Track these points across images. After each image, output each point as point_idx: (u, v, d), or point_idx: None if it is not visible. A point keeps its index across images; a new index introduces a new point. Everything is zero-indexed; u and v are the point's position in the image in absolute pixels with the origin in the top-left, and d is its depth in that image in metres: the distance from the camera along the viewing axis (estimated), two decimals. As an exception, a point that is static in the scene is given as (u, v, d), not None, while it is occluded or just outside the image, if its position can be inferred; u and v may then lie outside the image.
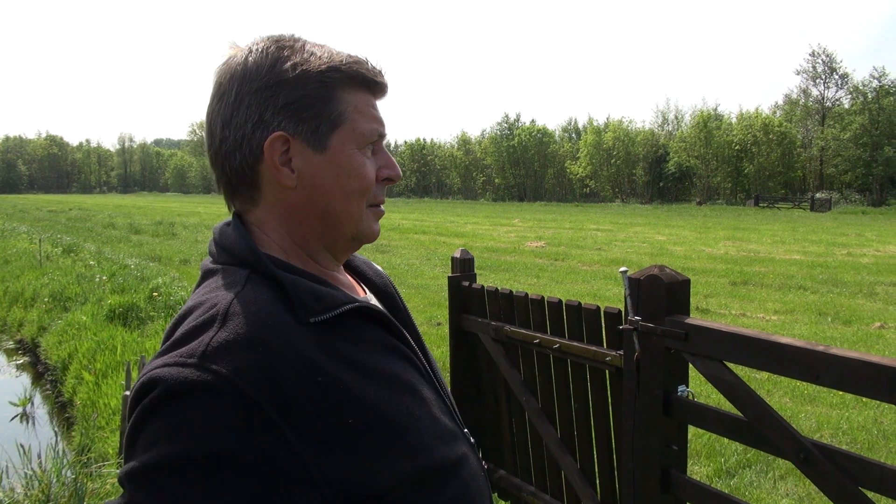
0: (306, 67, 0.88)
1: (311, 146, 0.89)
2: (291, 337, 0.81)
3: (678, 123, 65.63)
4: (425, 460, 0.86)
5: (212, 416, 0.74)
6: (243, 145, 0.89)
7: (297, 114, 0.88)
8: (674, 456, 2.39)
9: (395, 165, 0.96)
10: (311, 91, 0.88)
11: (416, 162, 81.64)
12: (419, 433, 0.87)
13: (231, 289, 0.85)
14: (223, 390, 0.74)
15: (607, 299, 9.88)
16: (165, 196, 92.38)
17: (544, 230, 24.45)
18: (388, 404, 0.85)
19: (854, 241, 19.85)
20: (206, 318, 0.81)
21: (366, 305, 0.91)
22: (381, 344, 0.92)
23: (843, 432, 5.06)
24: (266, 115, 0.88)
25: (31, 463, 3.45)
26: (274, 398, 0.76)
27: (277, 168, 0.89)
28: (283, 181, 0.89)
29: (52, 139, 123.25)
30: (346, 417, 0.80)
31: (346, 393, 0.81)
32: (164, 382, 0.75)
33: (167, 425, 0.74)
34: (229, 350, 0.77)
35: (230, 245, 0.92)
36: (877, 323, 8.69)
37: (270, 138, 0.87)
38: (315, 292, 0.87)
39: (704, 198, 55.32)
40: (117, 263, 13.25)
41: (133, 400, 0.79)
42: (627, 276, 2.39)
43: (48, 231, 22.95)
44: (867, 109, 49.04)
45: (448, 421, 0.96)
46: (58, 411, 6.99)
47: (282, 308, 0.84)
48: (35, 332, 9.30)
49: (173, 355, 0.78)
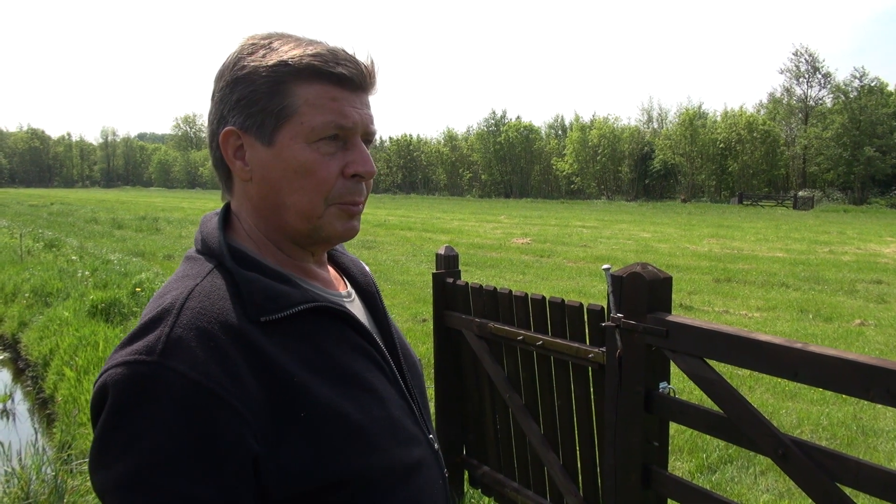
0: (258, 64, 0.88)
1: (260, 140, 0.90)
2: (243, 333, 0.82)
3: (663, 121, 66.07)
4: (378, 460, 0.87)
5: (179, 413, 0.75)
6: (213, 140, 0.93)
7: (246, 109, 0.89)
8: (655, 452, 2.41)
9: (366, 161, 0.92)
10: (258, 86, 0.88)
11: (403, 158, 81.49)
12: (374, 433, 0.88)
13: (192, 280, 0.87)
14: (184, 386, 0.76)
15: (592, 296, 9.93)
16: (149, 191, 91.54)
17: (530, 227, 24.51)
18: (343, 402, 0.86)
19: (836, 239, 20.08)
20: (162, 311, 0.82)
21: (326, 305, 0.92)
22: (343, 342, 0.93)
23: (823, 428, 5.12)
24: (224, 110, 0.91)
25: (10, 460, 3.42)
26: (233, 389, 0.78)
27: (232, 161, 0.91)
28: (239, 174, 0.92)
29: (33, 132, 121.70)
30: (298, 411, 0.82)
31: (298, 388, 0.83)
32: (124, 384, 0.77)
33: (140, 427, 0.75)
34: (183, 346, 0.78)
35: (206, 235, 0.94)
36: (857, 320, 8.80)
37: (222, 133, 0.90)
38: (269, 291, 0.87)
39: (689, 195, 55.70)
40: (100, 259, 13.12)
41: (95, 400, 0.80)
42: (610, 273, 2.41)
43: (29, 225, 22.68)
44: (848, 109, 49.54)
45: (410, 424, 0.97)
46: (38, 408, 6.92)
47: (237, 303, 0.85)
48: (16, 327, 9.19)
49: (131, 351, 0.79)
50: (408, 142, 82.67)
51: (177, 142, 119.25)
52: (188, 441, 0.75)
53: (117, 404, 0.76)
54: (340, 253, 1.12)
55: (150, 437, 0.75)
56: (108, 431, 0.77)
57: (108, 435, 0.77)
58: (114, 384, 0.77)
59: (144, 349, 0.78)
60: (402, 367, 1.04)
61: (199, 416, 0.76)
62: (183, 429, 0.75)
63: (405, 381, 1.02)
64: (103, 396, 0.78)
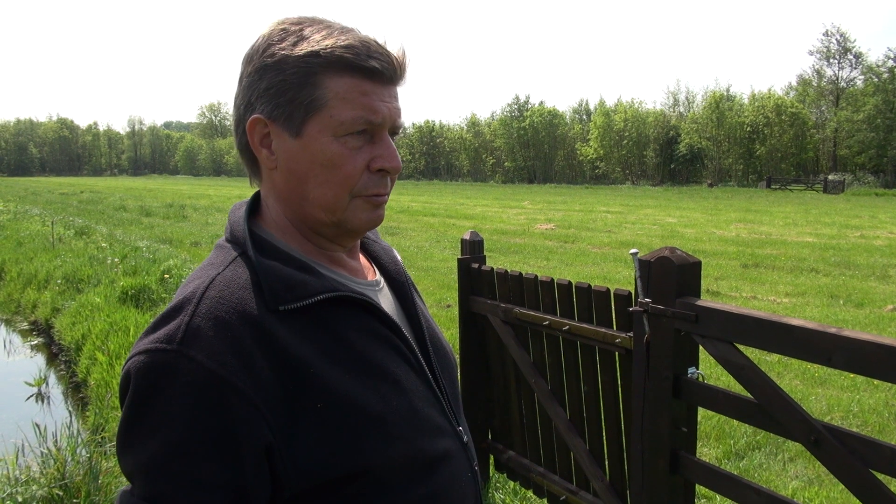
0: (288, 53, 0.87)
1: (287, 131, 0.89)
2: (260, 322, 0.83)
3: (689, 104, 65.01)
4: (398, 451, 0.86)
5: (196, 401, 0.77)
6: (239, 125, 0.93)
7: (275, 98, 0.88)
8: (683, 438, 2.40)
9: (393, 156, 0.91)
10: (288, 76, 0.87)
11: (425, 144, 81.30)
12: (394, 423, 0.87)
13: (215, 269, 0.88)
14: (201, 375, 0.77)
15: (617, 281, 9.86)
16: (175, 179, 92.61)
17: (554, 212, 24.36)
18: (362, 392, 0.86)
19: (867, 223, 19.66)
20: (183, 300, 0.84)
21: (347, 294, 0.90)
22: (365, 331, 0.91)
23: (853, 415, 5.05)
24: (252, 97, 0.90)
25: (46, 442, 3.50)
26: (248, 379, 0.79)
27: (258, 149, 0.91)
28: (265, 162, 0.92)
29: (62, 122, 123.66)
30: (315, 402, 0.82)
31: (315, 378, 0.83)
32: (145, 372, 0.79)
33: (159, 414, 0.78)
34: (201, 335, 0.79)
35: (233, 224, 0.95)
36: (889, 306, 8.63)
37: (250, 120, 0.89)
38: (288, 281, 0.87)
39: (716, 179, 54.90)
40: (129, 245, 13.33)
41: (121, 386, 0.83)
42: (638, 257, 2.38)
43: (60, 213, 23.09)
44: (882, 90, 48.28)
45: (436, 415, 0.95)
46: (72, 391, 7.08)
47: (256, 293, 0.85)
48: (49, 313, 9.39)
49: (153, 339, 0.81)
50: (430, 128, 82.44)
51: (202, 130, 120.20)
52: (203, 429, 0.77)
53: (139, 391, 0.79)
54: (373, 241, 1.11)
55: (167, 423, 0.77)
56: (130, 417, 0.80)
57: (130, 420, 0.80)
58: (136, 371, 0.79)
59: (165, 338, 0.80)
60: (431, 358, 1.02)
61: (215, 404, 0.77)
62: (199, 417, 0.77)
63: (433, 371, 1.01)
64: (127, 383, 0.81)
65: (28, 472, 3.39)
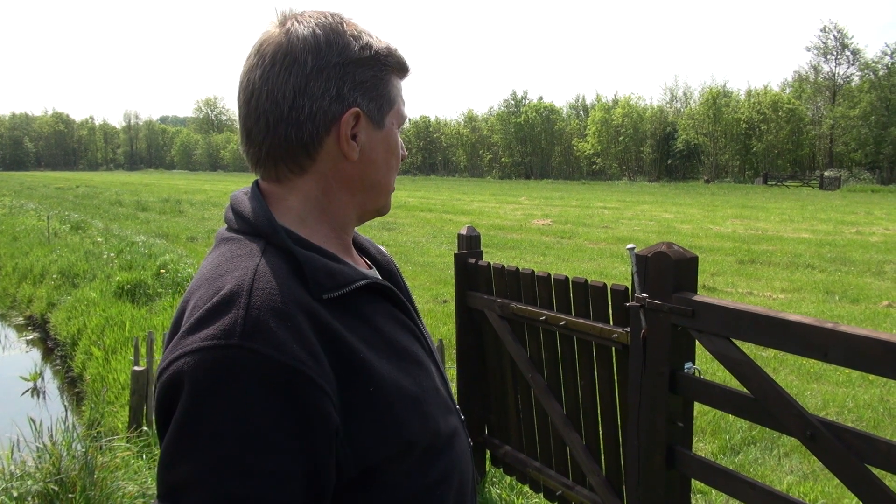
0: (373, 51, 0.94)
1: (374, 123, 0.95)
2: (313, 310, 0.83)
3: (686, 100, 64.97)
4: (431, 428, 0.91)
5: (268, 394, 0.75)
6: (317, 116, 0.90)
7: (369, 92, 0.94)
8: (679, 433, 2.40)
9: (404, 148, 1.04)
10: (377, 72, 0.95)
11: (422, 140, 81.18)
12: (427, 403, 0.92)
13: (250, 260, 0.86)
14: (270, 367, 0.76)
15: (614, 277, 9.87)
16: (172, 173, 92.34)
17: (551, 208, 24.37)
18: (400, 375, 0.90)
19: (863, 220, 19.72)
20: (231, 293, 0.80)
21: (376, 281, 0.95)
22: (390, 317, 0.96)
23: (848, 410, 5.07)
24: (344, 90, 0.92)
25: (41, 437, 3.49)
26: (315, 367, 0.79)
27: (347, 141, 0.93)
28: (349, 153, 0.93)
29: (58, 116, 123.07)
30: (367, 386, 0.84)
31: (364, 363, 0.85)
32: (205, 370, 0.75)
33: (227, 412, 0.75)
34: (262, 327, 0.78)
35: (248, 214, 0.92)
36: (885, 301, 8.66)
37: (349, 112, 0.92)
38: (328, 269, 0.89)
39: (712, 175, 54.95)
40: (125, 240, 13.30)
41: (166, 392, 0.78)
42: (635, 252, 2.38)
43: (56, 208, 23.02)
44: (878, 87, 48.32)
45: (445, 394, 1.01)
46: (68, 386, 7.07)
47: (301, 282, 0.86)
48: (44, 308, 9.37)
49: (204, 337, 0.77)
50: (427, 123, 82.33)
51: (198, 125, 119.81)
52: (282, 421, 0.75)
53: (199, 392, 0.74)
54: (356, 234, 1.14)
55: (240, 420, 0.74)
56: (191, 420, 0.74)
57: (189, 424, 0.74)
58: (191, 371, 0.75)
59: (221, 333, 0.76)
60: (429, 341, 1.08)
61: (289, 395, 0.76)
62: (276, 409, 0.75)
63: (435, 353, 1.07)
64: (177, 387, 0.76)
65: (23, 467, 3.38)
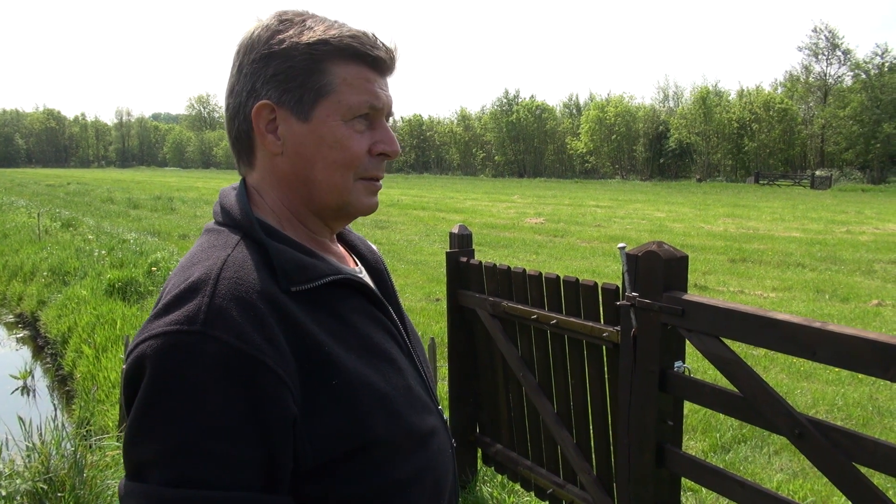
0: (296, 40, 0.91)
1: (296, 115, 0.92)
2: (278, 302, 0.85)
3: (678, 100, 65.16)
4: (400, 427, 0.91)
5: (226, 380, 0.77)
6: (239, 112, 0.94)
7: (283, 84, 0.91)
8: (669, 431, 2.41)
9: (392, 141, 0.97)
10: (297, 63, 0.91)
11: (415, 138, 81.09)
12: (396, 401, 0.92)
13: (223, 250, 0.88)
14: (229, 354, 0.77)
15: (606, 276, 9.90)
16: (164, 171, 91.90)
17: (544, 206, 24.40)
18: (369, 371, 0.90)
19: (853, 219, 19.83)
20: (198, 281, 0.83)
21: (349, 277, 0.95)
22: (363, 313, 0.96)
23: (838, 408, 5.10)
24: (257, 84, 0.92)
25: (31, 435, 3.47)
26: (275, 356, 0.80)
27: (263, 135, 0.93)
28: (269, 147, 0.94)
29: (49, 113, 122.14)
30: (330, 379, 0.85)
31: (329, 357, 0.86)
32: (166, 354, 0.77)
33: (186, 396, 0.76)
34: (225, 315, 0.79)
35: (229, 207, 0.95)
36: (874, 300, 8.72)
37: (256, 106, 0.92)
38: (299, 262, 0.90)
39: (704, 175, 55.12)
40: (116, 238, 13.24)
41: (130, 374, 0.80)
42: (626, 252, 2.39)
43: (47, 205, 22.89)
44: (868, 87, 48.56)
45: (423, 393, 1.01)
46: (58, 384, 7.03)
47: (268, 274, 0.87)
48: (35, 305, 9.32)
49: (169, 322, 0.79)
50: (420, 122, 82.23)
51: (191, 122, 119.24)
52: (235, 407, 0.76)
53: (160, 375, 0.76)
54: (348, 231, 1.15)
55: (196, 404, 0.75)
56: (150, 402, 0.76)
57: (149, 405, 0.77)
58: (154, 354, 0.77)
59: (185, 319, 0.78)
60: (411, 339, 1.08)
61: (246, 382, 0.77)
62: (229, 395, 0.76)
63: (416, 352, 1.07)
64: (140, 369, 0.78)
65: (12, 466, 3.36)
